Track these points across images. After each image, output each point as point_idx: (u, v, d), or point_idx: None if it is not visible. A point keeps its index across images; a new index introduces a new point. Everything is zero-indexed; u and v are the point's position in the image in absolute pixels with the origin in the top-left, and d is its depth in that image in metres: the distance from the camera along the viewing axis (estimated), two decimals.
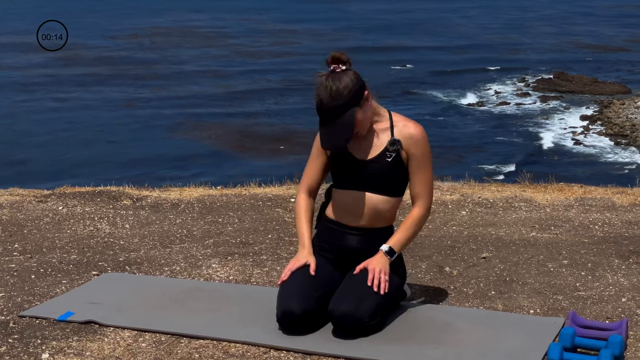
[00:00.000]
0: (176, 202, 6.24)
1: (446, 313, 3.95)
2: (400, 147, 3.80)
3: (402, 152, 3.81)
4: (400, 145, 3.80)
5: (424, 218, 3.90)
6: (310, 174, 4.02)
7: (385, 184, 3.83)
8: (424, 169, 3.85)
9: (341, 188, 3.90)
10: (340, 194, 3.90)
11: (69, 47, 48.44)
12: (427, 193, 3.88)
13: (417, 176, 3.85)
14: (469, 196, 6.40)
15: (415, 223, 3.87)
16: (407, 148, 3.81)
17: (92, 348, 3.57)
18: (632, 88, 37.62)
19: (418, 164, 3.83)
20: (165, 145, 28.39)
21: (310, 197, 4.04)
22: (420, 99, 36.69)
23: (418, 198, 3.88)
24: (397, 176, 3.85)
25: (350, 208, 3.87)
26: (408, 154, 3.82)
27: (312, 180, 4.02)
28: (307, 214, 4.00)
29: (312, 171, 4.01)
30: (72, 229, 5.50)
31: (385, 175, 3.82)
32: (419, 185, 3.86)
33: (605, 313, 3.96)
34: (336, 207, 3.92)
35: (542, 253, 4.92)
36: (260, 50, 49.76)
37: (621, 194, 6.50)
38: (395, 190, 3.87)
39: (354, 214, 3.87)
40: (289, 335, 3.65)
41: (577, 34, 56.71)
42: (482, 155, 27.70)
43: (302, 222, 3.98)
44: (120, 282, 4.43)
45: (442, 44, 52.13)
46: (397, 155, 3.80)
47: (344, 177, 3.88)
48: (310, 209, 4.02)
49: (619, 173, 24.86)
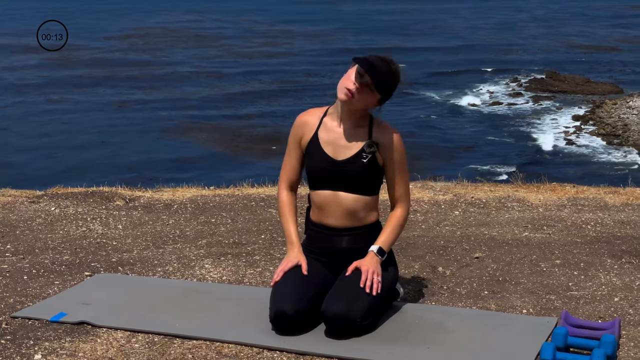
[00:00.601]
0: (169, 202, 6.23)
1: (439, 313, 3.95)
2: (377, 150, 3.83)
3: (377, 154, 3.84)
4: (377, 147, 3.83)
5: (406, 218, 3.99)
6: (288, 167, 4.04)
7: (359, 184, 3.86)
8: (403, 173, 3.92)
9: (317, 189, 3.91)
10: (317, 195, 3.92)
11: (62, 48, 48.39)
12: (407, 195, 3.96)
13: (398, 180, 3.92)
14: (462, 196, 6.40)
15: (400, 223, 3.94)
16: (384, 153, 3.85)
17: (85, 349, 3.56)
18: (624, 88, 37.69)
19: (397, 169, 3.90)
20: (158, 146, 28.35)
21: (291, 192, 4.06)
22: (413, 99, 36.68)
23: (399, 201, 3.95)
24: (372, 177, 3.88)
25: (328, 207, 3.89)
26: (385, 159, 3.87)
27: (291, 174, 4.04)
28: (292, 210, 4.03)
29: (290, 165, 4.03)
30: (64, 230, 5.49)
31: (360, 175, 3.84)
32: (399, 188, 3.93)
33: (597, 313, 3.96)
34: (317, 209, 3.94)
35: (535, 253, 4.92)
36: (253, 51, 49.73)
37: (613, 194, 6.51)
38: (370, 189, 3.90)
39: (333, 213, 3.88)
40: (281, 335, 3.66)
41: (569, 34, 56.80)
42: (474, 156, 27.71)
43: (288, 220, 4.01)
44: (113, 282, 4.42)
45: (435, 44, 52.17)
46: (373, 157, 3.84)
47: (319, 177, 3.89)
48: (294, 204, 4.05)
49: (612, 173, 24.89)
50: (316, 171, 3.90)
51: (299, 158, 4.01)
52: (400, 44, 51.94)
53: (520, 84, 40.05)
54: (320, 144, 3.88)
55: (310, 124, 3.93)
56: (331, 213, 3.89)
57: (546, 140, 30.13)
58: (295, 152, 4.00)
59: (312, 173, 3.92)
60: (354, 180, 3.84)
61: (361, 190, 3.87)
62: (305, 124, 3.95)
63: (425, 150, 26.29)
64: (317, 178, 3.90)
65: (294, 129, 3.98)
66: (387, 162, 3.87)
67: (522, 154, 28.16)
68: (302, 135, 3.95)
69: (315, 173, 3.91)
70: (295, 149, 3.99)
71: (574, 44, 51.94)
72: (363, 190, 3.87)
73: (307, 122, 3.94)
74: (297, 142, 3.97)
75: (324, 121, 3.92)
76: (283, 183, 4.06)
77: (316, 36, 55.85)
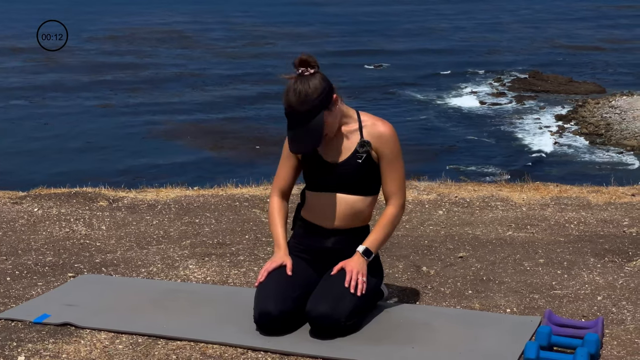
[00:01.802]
0: (153, 203, 6.21)
1: (423, 313, 3.96)
2: (370, 148, 3.81)
3: (372, 152, 3.82)
4: (369, 146, 3.80)
5: (398, 216, 3.90)
6: (281, 176, 4.02)
7: (358, 185, 3.84)
8: (396, 167, 3.85)
9: (314, 190, 3.90)
10: (313, 196, 3.91)
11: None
12: (400, 191, 3.88)
13: (389, 175, 3.85)
14: (446, 196, 6.41)
15: (390, 222, 3.87)
16: (376, 148, 3.81)
17: (69, 350, 3.55)
18: (607, 87, 37.86)
19: (389, 162, 3.83)
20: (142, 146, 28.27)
21: (283, 199, 4.05)
22: (397, 99, 36.73)
23: (391, 196, 3.88)
24: (370, 176, 3.85)
25: (324, 210, 3.87)
26: (378, 154, 3.82)
27: (284, 183, 4.02)
28: (281, 216, 4.01)
29: (283, 174, 4.01)
30: (47, 231, 5.46)
31: (357, 176, 3.82)
32: (391, 183, 3.86)
33: (581, 311, 3.98)
34: (310, 208, 3.93)
35: (519, 252, 4.94)
36: (237, 51, 49.66)
37: (596, 193, 6.54)
38: (369, 189, 3.88)
39: (329, 215, 3.87)
40: (266, 336, 3.65)
41: (552, 34, 57.00)
42: (458, 155, 27.77)
43: (277, 224, 3.99)
44: (97, 283, 4.41)
45: (418, 45, 52.22)
46: (368, 156, 3.81)
47: (315, 180, 3.88)
48: (284, 211, 4.03)
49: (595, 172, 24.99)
50: (314, 176, 3.88)
51: (293, 167, 3.99)
52: (384, 44, 51.99)
53: (504, 83, 40.16)
54: (316, 149, 3.86)
55: None
56: (327, 215, 3.87)
57: (529, 140, 30.22)
58: (288, 161, 3.99)
59: (309, 177, 3.91)
60: (351, 181, 3.82)
61: (360, 191, 3.85)
62: None
63: (409, 150, 26.30)
64: (315, 182, 3.89)
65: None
66: (380, 157, 3.83)
67: (506, 154, 28.23)
68: None
69: (312, 177, 3.90)
70: (289, 158, 3.97)
71: (557, 44, 52.13)
72: (362, 190, 3.85)
73: None
74: (291, 153, 3.94)
75: None
76: (275, 190, 4.05)
77: (300, 37, 55.84)
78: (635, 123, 30.71)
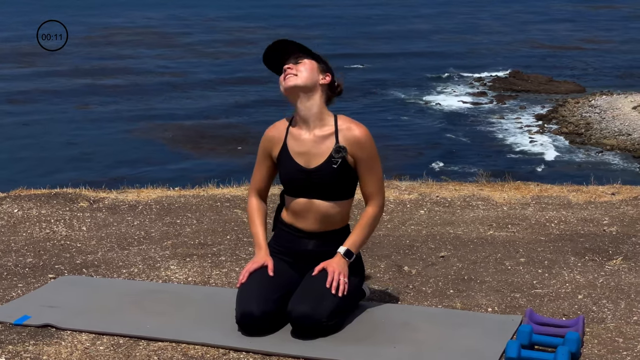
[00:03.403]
0: (134, 203, 6.19)
1: (405, 312, 3.96)
2: (346, 153, 3.80)
3: (347, 157, 3.82)
4: (345, 151, 3.79)
5: (378, 216, 3.91)
6: (257, 178, 4.03)
7: (333, 190, 3.84)
8: (374, 169, 3.85)
9: (291, 195, 3.91)
10: (290, 201, 3.91)
11: (23, 48, 47.93)
12: (379, 192, 3.88)
13: (368, 177, 3.85)
14: (427, 195, 6.43)
15: (371, 222, 3.88)
16: (352, 152, 3.81)
17: (49, 352, 3.53)
18: (587, 87, 38.09)
19: (366, 165, 3.83)
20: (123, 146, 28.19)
21: (261, 200, 4.06)
22: (379, 99, 36.80)
23: (371, 198, 3.89)
24: (345, 180, 3.85)
25: (302, 214, 3.87)
26: (355, 158, 3.82)
27: (260, 185, 4.04)
28: (260, 216, 4.02)
29: (259, 176, 4.02)
30: (27, 232, 5.44)
31: (333, 182, 3.81)
32: (370, 185, 3.87)
33: (562, 310, 4.00)
34: (289, 212, 3.93)
35: (500, 251, 4.95)
36: (217, 51, 49.60)
37: (577, 192, 6.57)
38: (345, 193, 3.88)
39: (307, 219, 3.87)
40: (248, 336, 3.65)
41: (532, 33, 57.24)
42: (439, 154, 27.86)
43: (256, 224, 4.00)
44: (78, 285, 4.39)
45: (399, 44, 52.34)
46: (343, 160, 3.80)
47: (292, 185, 3.88)
48: (263, 210, 4.04)
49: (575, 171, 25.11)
50: (289, 181, 3.88)
51: (268, 169, 4.00)
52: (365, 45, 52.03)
53: (484, 83, 40.32)
54: (290, 154, 3.85)
55: (278, 137, 3.91)
56: (305, 219, 3.87)
57: (510, 139, 30.34)
58: (264, 163, 3.99)
59: (286, 183, 3.91)
60: (327, 187, 3.82)
61: (336, 196, 3.85)
62: (273, 137, 3.92)
63: (391, 150, 26.36)
64: (291, 187, 3.89)
65: (262, 142, 3.96)
66: (357, 161, 3.83)
67: (486, 153, 28.34)
68: (271, 149, 3.93)
69: (288, 183, 3.89)
70: (265, 160, 3.98)
71: (537, 44, 52.35)
72: (338, 195, 3.85)
73: (275, 136, 3.92)
74: (266, 156, 3.96)
75: (291, 131, 3.88)
76: (252, 192, 4.06)
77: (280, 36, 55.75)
78: (615, 122, 30.89)
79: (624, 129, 29.94)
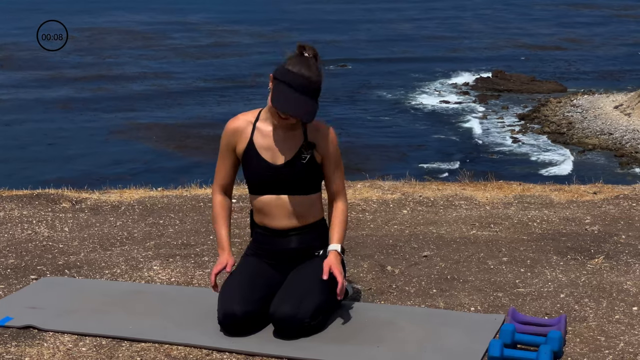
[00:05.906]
0: (116, 204, 6.17)
1: (388, 312, 3.97)
2: (314, 150, 3.84)
3: (315, 153, 3.85)
4: (314, 147, 3.84)
5: (347, 210, 4.01)
6: (222, 173, 4.02)
7: (301, 185, 3.87)
8: (340, 167, 3.96)
9: (258, 194, 3.90)
10: (259, 201, 3.91)
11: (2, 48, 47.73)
12: (344, 188, 4.01)
13: (336, 174, 3.94)
14: (410, 195, 6.43)
15: (346, 217, 3.97)
16: (321, 150, 3.87)
17: (32, 353, 3.52)
18: (568, 86, 38.27)
19: (334, 162, 3.92)
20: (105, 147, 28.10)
21: (225, 196, 4.05)
22: (362, 99, 36.84)
23: (339, 194, 3.97)
24: (312, 177, 3.90)
25: (273, 212, 3.88)
26: (322, 154, 3.88)
27: (225, 180, 4.02)
28: (225, 214, 4.02)
29: (224, 171, 4.01)
30: (9, 233, 5.41)
31: (301, 177, 3.85)
32: (338, 182, 3.96)
33: (544, 309, 4.01)
34: (260, 213, 3.93)
35: (482, 251, 4.97)
36: (200, 51, 49.52)
37: (559, 191, 6.59)
38: (312, 188, 3.92)
39: (279, 217, 3.88)
40: (230, 336, 3.65)
41: (514, 33, 57.44)
42: (422, 154, 27.92)
43: (220, 224, 4.00)
44: (60, 286, 4.37)
45: (382, 44, 52.40)
46: (311, 157, 3.84)
47: (259, 183, 3.88)
48: (227, 207, 4.04)
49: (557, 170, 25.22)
50: (256, 178, 3.88)
51: (232, 164, 3.99)
52: (347, 44, 52.07)
53: (467, 82, 40.44)
54: (257, 150, 3.85)
55: (243, 131, 3.89)
56: (275, 216, 3.89)
57: (492, 138, 30.44)
58: (228, 158, 3.98)
59: (252, 180, 3.91)
60: (295, 182, 3.84)
61: (303, 191, 3.88)
62: (237, 131, 3.90)
63: (374, 150, 26.39)
64: (258, 184, 3.89)
65: (225, 136, 3.93)
66: (324, 159, 3.89)
67: (469, 153, 28.42)
68: (236, 143, 3.91)
69: (255, 180, 3.89)
70: (229, 154, 3.96)
71: (519, 44, 52.54)
72: (305, 190, 3.88)
73: (239, 129, 3.90)
74: (230, 150, 3.94)
75: (258, 126, 3.88)
76: (216, 188, 4.04)
77: (262, 35, 55.78)
78: (597, 122, 31.05)
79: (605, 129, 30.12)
